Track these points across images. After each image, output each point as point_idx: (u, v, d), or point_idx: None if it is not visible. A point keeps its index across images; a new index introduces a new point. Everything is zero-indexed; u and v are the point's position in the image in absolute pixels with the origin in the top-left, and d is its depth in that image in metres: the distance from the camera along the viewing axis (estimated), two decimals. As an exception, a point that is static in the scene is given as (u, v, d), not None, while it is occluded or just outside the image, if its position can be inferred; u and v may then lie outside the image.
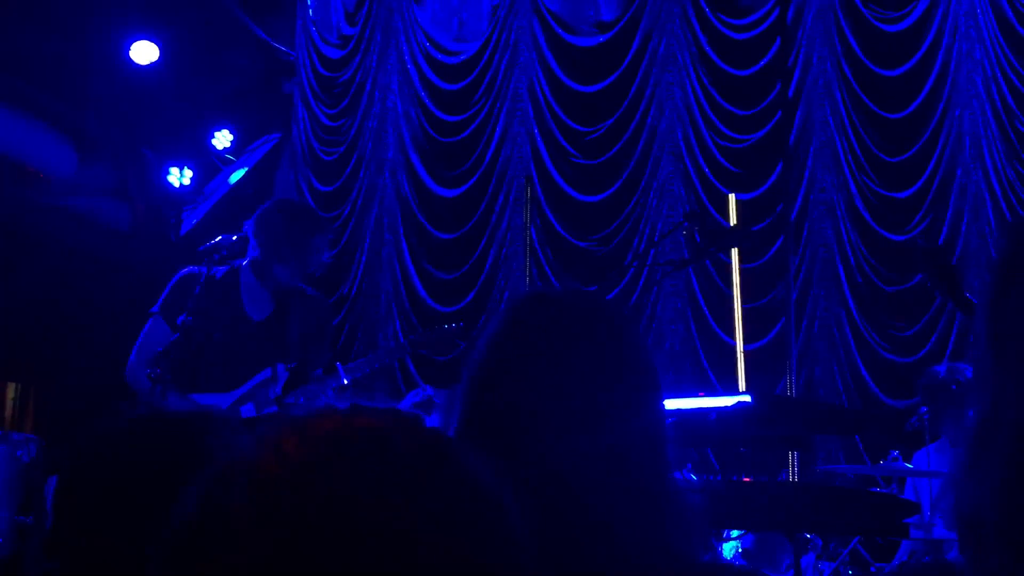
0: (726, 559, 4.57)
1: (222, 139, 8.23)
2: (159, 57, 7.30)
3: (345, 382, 3.87)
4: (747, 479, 3.92)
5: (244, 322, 3.88)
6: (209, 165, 8.20)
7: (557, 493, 1.20)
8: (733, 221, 6.35)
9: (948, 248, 6.47)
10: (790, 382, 6.23)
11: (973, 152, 6.67)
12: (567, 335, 1.29)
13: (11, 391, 7.66)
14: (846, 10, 6.98)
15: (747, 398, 2.74)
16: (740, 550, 4.77)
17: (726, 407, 2.57)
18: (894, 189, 6.79)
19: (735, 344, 6.38)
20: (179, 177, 7.91)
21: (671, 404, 2.83)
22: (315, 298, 4.08)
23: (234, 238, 3.80)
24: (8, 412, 7.67)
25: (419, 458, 0.78)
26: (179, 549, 0.76)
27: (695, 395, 2.81)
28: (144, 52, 7.26)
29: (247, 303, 3.91)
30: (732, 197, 6.53)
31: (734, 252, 6.37)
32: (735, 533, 4.66)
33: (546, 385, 1.26)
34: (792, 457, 5.15)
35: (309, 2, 8.35)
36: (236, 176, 8.11)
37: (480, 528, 0.77)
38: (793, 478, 5.13)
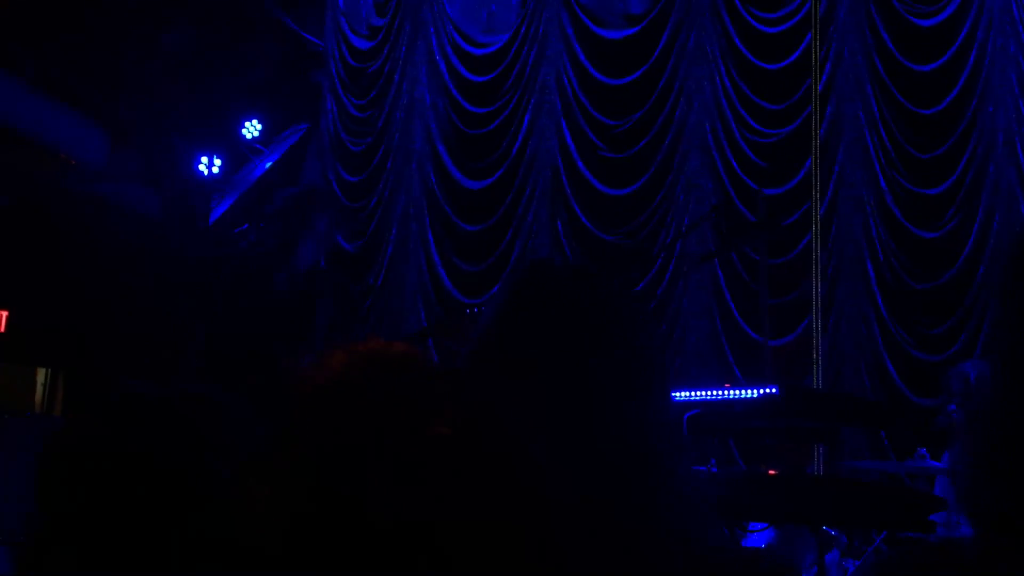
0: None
1: (251, 129, 8.30)
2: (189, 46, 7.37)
3: None
4: (772, 472, 3.89)
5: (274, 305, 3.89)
6: (238, 154, 8.27)
7: (555, 480, 1.16)
8: (760, 215, 6.30)
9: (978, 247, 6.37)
10: (817, 378, 6.19)
11: (1006, 149, 6.58)
12: (565, 312, 1.20)
13: (41, 375, 7.74)
14: (879, 4, 6.90)
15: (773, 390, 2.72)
16: (763, 546, 4.74)
17: (751, 397, 2.56)
18: (925, 185, 6.71)
19: (761, 339, 6.33)
20: (208, 165, 7.98)
21: (695, 396, 2.82)
22: (341, 284, 4.10)
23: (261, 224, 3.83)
24: (37, 396, 7.76)
25: (439, 376, 1.07)
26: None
27: (720, 387, 2.79)
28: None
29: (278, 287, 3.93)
30: (760, 192, 6.48)
31: (761, 247, 6.32)
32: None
33: (540, 365, 1.17)
34: (818, 452, 5.11)
35: (339, -7, 8.38)
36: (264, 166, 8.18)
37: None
38: (819, 473, 5.09)
